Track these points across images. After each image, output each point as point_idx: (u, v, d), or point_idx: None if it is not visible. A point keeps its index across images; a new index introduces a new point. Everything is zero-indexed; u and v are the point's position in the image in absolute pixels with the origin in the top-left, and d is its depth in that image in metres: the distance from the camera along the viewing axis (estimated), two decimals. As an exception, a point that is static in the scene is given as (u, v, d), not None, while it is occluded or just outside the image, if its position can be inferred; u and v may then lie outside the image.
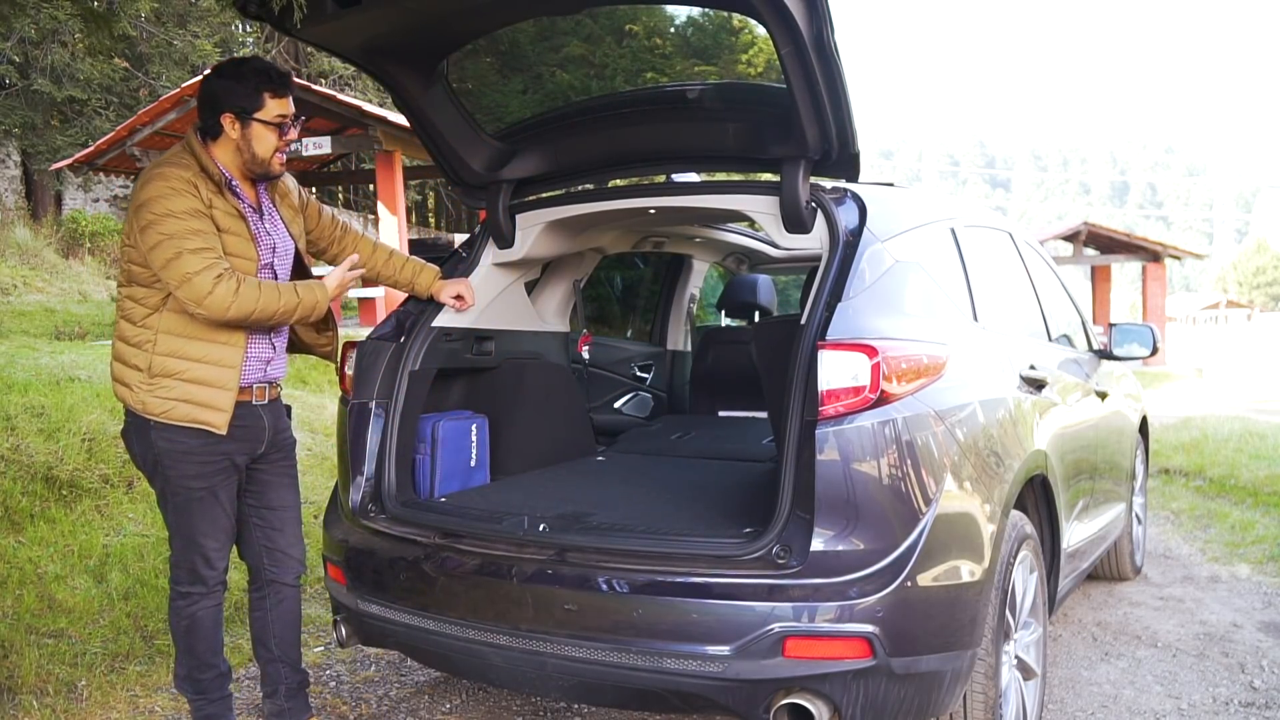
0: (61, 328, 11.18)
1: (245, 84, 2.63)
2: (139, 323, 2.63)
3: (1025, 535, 2.79)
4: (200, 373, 2.62)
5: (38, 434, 4.79)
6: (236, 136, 2.65)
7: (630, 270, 5.58)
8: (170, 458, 2.64)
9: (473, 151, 3.25)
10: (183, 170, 2.59)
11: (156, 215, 2.52)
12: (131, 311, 2.64)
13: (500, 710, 3.41)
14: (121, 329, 2.65)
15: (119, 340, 2.66)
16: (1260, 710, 3.40)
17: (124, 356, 2.65)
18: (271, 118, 2.66)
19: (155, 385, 2.60)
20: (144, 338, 2.62)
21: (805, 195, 2.75)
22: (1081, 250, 22.92)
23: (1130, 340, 4.33)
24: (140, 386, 2.61)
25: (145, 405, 2.61)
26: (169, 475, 2.67)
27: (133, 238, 2.59)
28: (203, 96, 2.68)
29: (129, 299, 2.64)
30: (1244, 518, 6.31)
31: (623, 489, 3.32)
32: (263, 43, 18.40)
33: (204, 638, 2.79)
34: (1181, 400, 14.23)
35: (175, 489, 2.68)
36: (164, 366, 2.61)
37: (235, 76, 2.65)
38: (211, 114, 2.65)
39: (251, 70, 2.66)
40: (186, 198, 2.56)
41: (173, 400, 2.60)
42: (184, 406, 2.61)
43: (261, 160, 2.69)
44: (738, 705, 2.31)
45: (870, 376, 2.32)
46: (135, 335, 2.63)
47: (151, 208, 2.53)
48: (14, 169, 18.21)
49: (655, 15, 3.06)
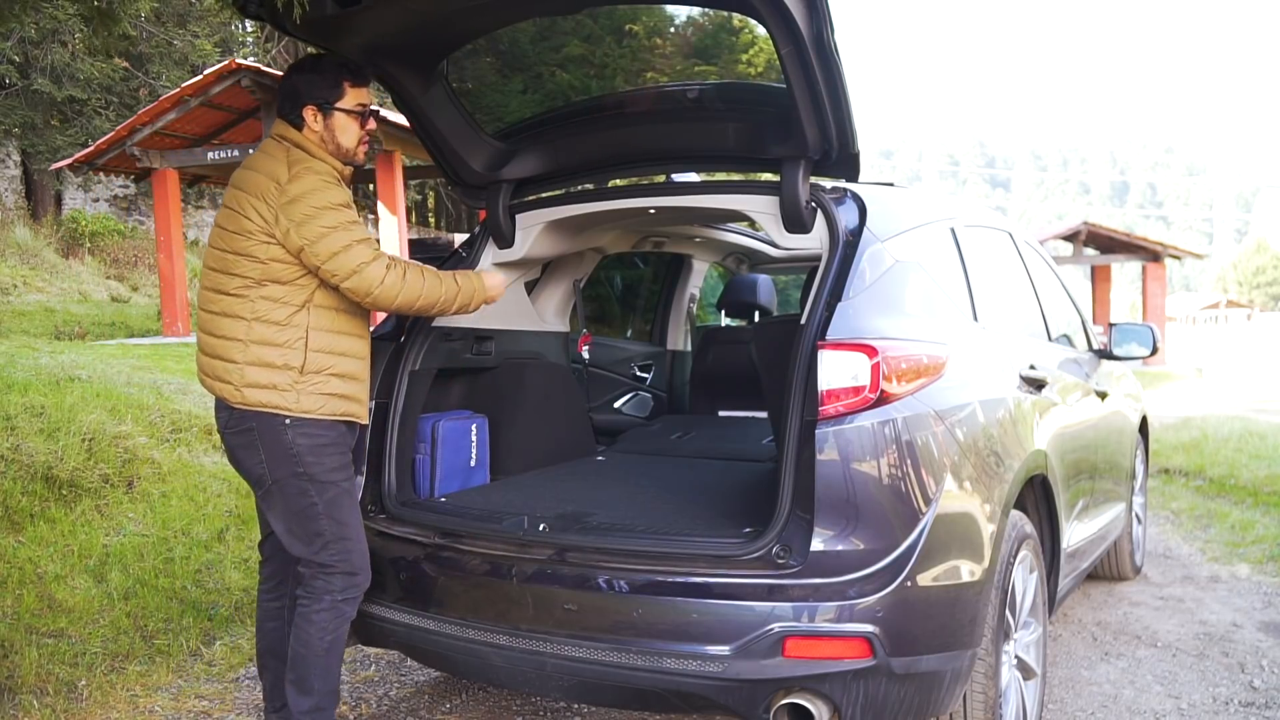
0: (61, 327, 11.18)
1: (325, 76, 2.67)
2: (284, 322, 2.56)
3: (1025, 535, 2.79)
4: (346, 366, 2.65)
5: (38, 434, 4.79)
6: (320, 129, 2.67)
7: (630, 270, 5.57)
8: (314, 454, 2.58)
9: (473, 151, 3.25)
10: (324, 163, 2.62)
11: (318, 208, 2.51)
12: (271, 312, 2.55)
13: (500, 710, 3.41)
14: (260, 332, 2.54)
15: (259, 344, 2.54)
16: (1260, 710, 3.40)
17: (267, 359, 2.54)
18: (353, 106, 2.70)
19: (308, 382, 2.56)
20: (292, 336, 2.56)
21: (805, 195, 2.75)
22: (1081, 250, 22.92)
23: (1130, 340, 4.33)
24: (292, 386, 2.55)
25: (299, 403, 2.55)
26: (314, 473, 2.58)
27: (282, 235, 2.52)
28: (284, 93, 2.69)
29: (266, 299, 2.55)
30: (1244, 518, 6.31)
31: (623, 489, 3.32)
32: (263, 43, 18.40)
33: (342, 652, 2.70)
34: (1181, 400, 14.23)
35: (323, 485, 2.60)
36: (317, 363, 2.58)
37: (315, 69, 2.68)
38: (294, 109, 2.66)
39: (329, 63, 2.71)
40: (340, 189, 2.60)
41: (326, 395, 2.59)
42: (335, 401, 2.61)
43: (347, 150, 2.72)
44: (738, 705, 2.31)
45: (870, 376, 2.32)
46: (280, 335, 2.55)
47: (311, 200, 2.52)
48: (14, 169, 18.21)
49: (655, 15, 3.06)
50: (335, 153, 2.70)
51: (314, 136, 2.67)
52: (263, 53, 18.33)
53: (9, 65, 15.90)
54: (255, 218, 2.53)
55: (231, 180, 2.68)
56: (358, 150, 2.75)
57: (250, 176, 2.60)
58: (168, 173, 12.57)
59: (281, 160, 2.59)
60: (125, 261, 16.51)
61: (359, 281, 2.54)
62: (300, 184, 2.54)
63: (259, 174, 2.59)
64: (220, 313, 2.58)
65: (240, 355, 2.55)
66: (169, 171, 12.57)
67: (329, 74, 2.68)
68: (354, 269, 2.53)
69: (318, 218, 2.51)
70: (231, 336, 2.56)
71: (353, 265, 2.53)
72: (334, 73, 2.68)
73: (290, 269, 2.55)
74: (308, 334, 2.58)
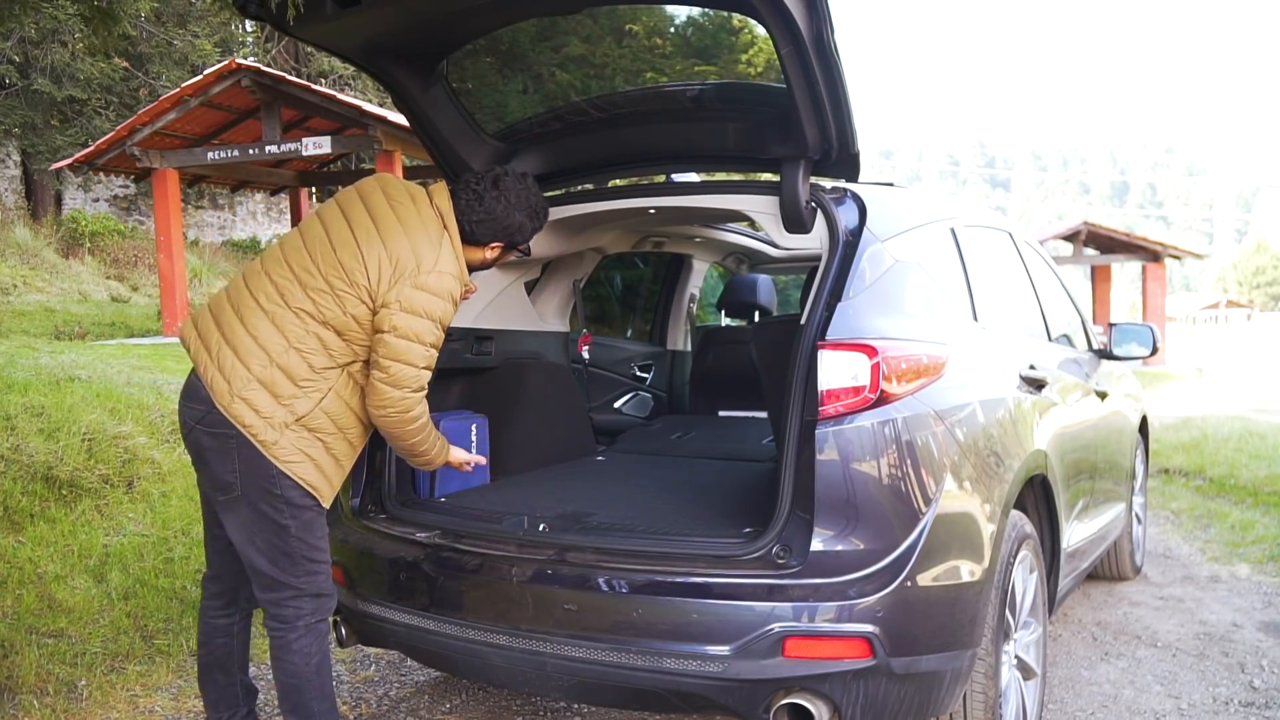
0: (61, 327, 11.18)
1: (531, 231, 2.74)
2: (317, 370, 2.45)
3: (1025, 535, 2.79)
4: (337, 445, 2.52)
5: (38, 434, 4.79)
6: (489, 258, 2.74)
7: (630, 270, 5.57)
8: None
9: (473, 151, 3.25)
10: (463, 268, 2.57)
11: (431, 316, 2.45)
12: (314, 356, 2.44)
13: (500, 710, 3.41)
14: (289, 363, 2.42)
15: (281, 370, 2.42)
16: (1260, 710, 3.40)
17: (278, 389, 2.42)
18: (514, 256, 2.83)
19: (297, 432, 2.44)
20: (314, 385, 2.45)
21: (805, 195, 2.75)
22: (1081, 250, 22.91)
23: (1130, 340, 4.33)
24: (281, 428, 2.42)
25: (276, 444, 2.42)
26: (290, 496, 2.45)
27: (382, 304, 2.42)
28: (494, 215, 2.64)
29: (318, 339, 2.44)
30: (1244, 517, 6.31)
31: (623, 489, 3.32)
32: (263, 43, 18.40)
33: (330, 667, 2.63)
34: (1181, 400, 14.23)
35: (298, 509, 2.48)
36: (317, 422, 2.46)
37: (533, 218, 2.73)
38: (489, 234, 2.67)
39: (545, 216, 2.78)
40: (452, 306, 2.52)
41: (305, 455, 2.46)
42: (308, 466, 2.47)
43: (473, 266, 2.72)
44: (738, 705, 2.31)
45: (870, 376, 2.32)
46: (305, 377, 2.43)
47: (430, 305, 2.45)
48: (14, 169, 18.20)
49: (655, 15, 3.06)
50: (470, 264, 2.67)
51: (477, 255, 2.69)
52: (263, 53, 18.32)
53: (9, 65, 15.89)
54: (371, 274, 2.43)
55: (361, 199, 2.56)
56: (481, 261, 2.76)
57: (395, 230, 2.48)
58: (168, 173, 12.57)
59: (435, 242, 2.49)
60: (125, 261, 16.50)
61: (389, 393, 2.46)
62: (436, 281, 2.45)
63: (406, 239, 2.47)
64: (268, 318, 2.45)
65: (258, 368, 2.42)
66: (169, 171, 12.57)
67: (536, 228, 2.75)
68: (398, 382, 2.45)
69: (422, 323, 2.44)
70: (262, 345, 2.43)
71: (404, 380, 2.46)
72: (535, 228, 2.74)
73: (358, 333, 2.46)
74: (327, 393, 2.47)
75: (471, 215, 2.61)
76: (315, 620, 2.54)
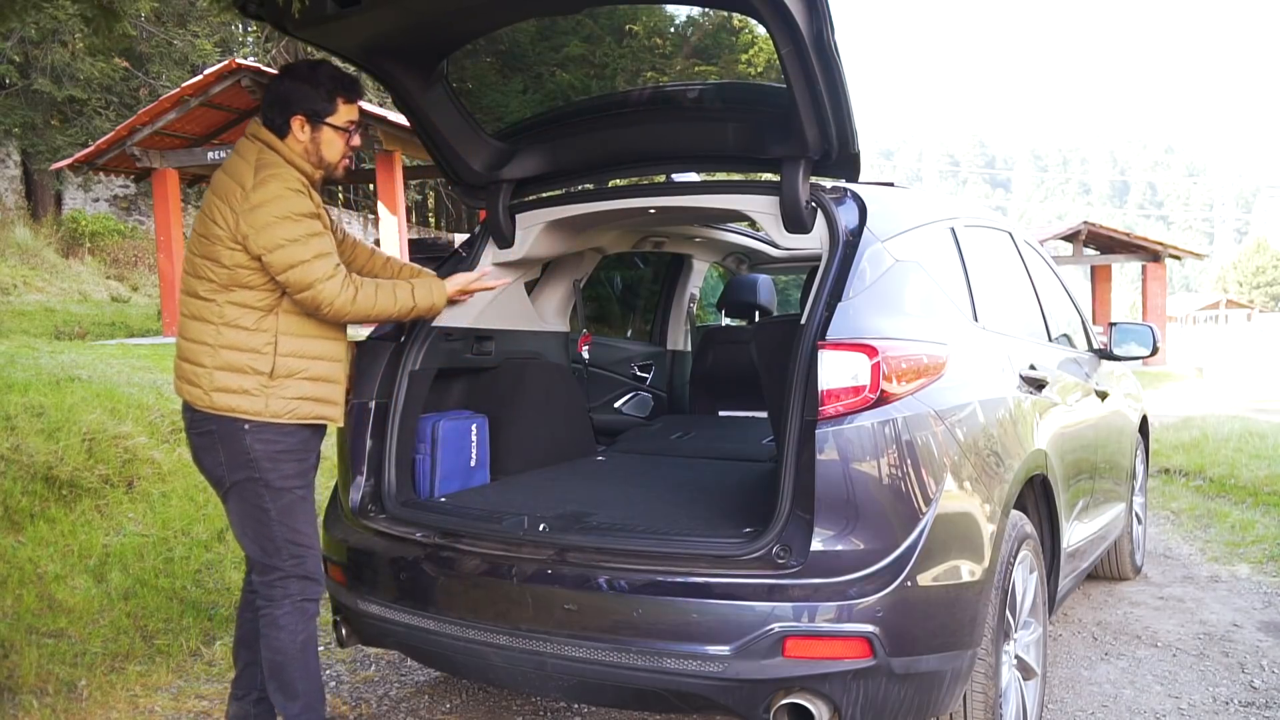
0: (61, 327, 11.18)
1: (320, 88, 2.63)
2: (252, 327, 2.55)
3: (1025, 535, 2.79)
4: (319, 369, 2.64)
5: (38, 434, 4.79)
6: (305, 140, 2.64)
7: (630, 270, 5.58)
8: (270, 460, 2.58)
9: (473, 151, 3.25)
10: (293, 170, 2.58)
11: (279, 216, 2.49)
12: (240, 317, 2.55)
13: (500, 710, 3.41)
14: (229, 337, 2.54)
15: (228, 349, 2.54)
16: (1260, 710, 3.40)
17: (236, 364, 2.54)
18: (342, 122, 2.68)
19: (278, 386, 2.56)
20: (261, 341, 2.56)
21: (805, 195, 2.75)
22: (1081, 250, 22.92)
23: (1130, 340, 4.33)
24: (261, 391, 2.55)
25: (268, 408, 2.55)
26: (269, 479, 2.59)
27: (243, 240, 2.50)
28: (273, 97, 2.64)
29: (234, 304, 2.55)
30: (1244, 517, 6.31)
31: (623, 489, 3.32)
32: (263, 43, 18.40)
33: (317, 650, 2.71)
34: (1181, 400, 14.23)
35: (278, 491, 2.60)
36: (287, 367, 2.58)
37: (309, 80, 2.64)
38: (280, 115, 2.62)
39: (325, 74, 2.66)
40: (305, 198, 2.56)
41: (297, 399, 2.59)
42: (307, 404, 2.61)
43: (329, 164, 2.70)
44: (738, 705, 2.31)
45: (870, 376, 2.32)
46: (249, 340, 2.55)
47: (272, 208, 2.49)
48: (14, 169, 18.21)
49: (655, 15, 3.07)
50: (317, 164, 2.67)
51: (298, 146, 2.63)
52: (263, 53, 18.32)
53: (9, 65, 15.90)
54: (222, 222, 2.52)
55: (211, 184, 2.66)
56: (339, 165, 2.72)
57: (221, 180, 2.58)
58: (168, 173, 12.58)
59: (250, 164, 2.56)
60: (125, 261, 16.51)
61: (311, 297, 2.54)
62: (264, 190, 2.51)
63: (229, 178, 2.57)
64: (191, 316, 2.58)
65: (209, 360, 2.55)
66: (169, 171, 12.58)
67: (323, 86, 2.64)
68: (308, 284, 2.52)
69: (278, 227, 2.49)
70: (200, 341, 2.56)
71: (307, 280, 2.52)
72: (328, 85, 2.64)
73: (256, 274, 2.54)
74: (277, 339, 2.57)
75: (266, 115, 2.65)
76: (302, 599, 2.66)
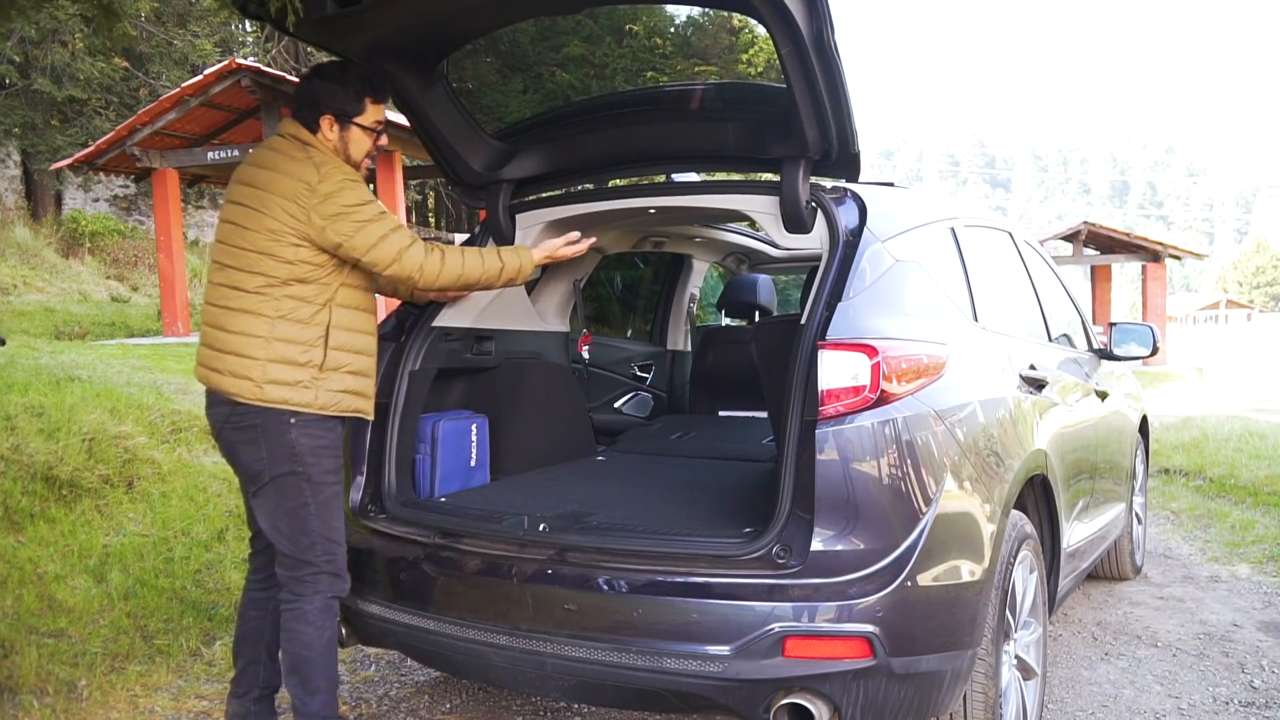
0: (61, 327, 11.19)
1: (349, 89, 2.72)
2: (308, 321, 2.63)
3: (1025, 535, 2.79)
4: (360, 364, 2.74)
5: (38, 434, 4.79)
6: (335, 138, 2.73)
7: (630, 270, 5.58)
8: (314, 454, 2.63)
9: (473, 151, 3.25)
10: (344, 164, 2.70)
11: (350, 205, 2.60)
12: (296, 311, 2.62)
13: (500, 710, 3.41)
14: (283, 330, 2.60)
15: (282, 341, 2.60)
16: (1260, 710, 3.40)
17: (290, 356, 2.60)
18: (370, 123, 2.77)
19: (326, 379, 2.64)
20: (314, 334, 2.63)
21: (805, 195, 2.75)
22: (1081, 250, 22.91)
23: (1130, 340, 4.33)
24: (312, 383, 2.62)
25: (317, 400, 2.62)
26: (312, 474, 2.63)
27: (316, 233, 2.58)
28: (303, 97, 2.73)
29: (291, 298, 2.61)
30: (1244, 517, 6.31)
31: (623, 489, 3.32)
32: (263, 43, 18.40)
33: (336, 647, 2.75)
34: (1181, 400, 14.23)
35: (318, 486, 2.64)
36: (336, 360, 2.66)
37: (339, 80, 2.73)
38: (311, 114, 2.71)
39: (354, 75, 2.75)
40: (364, 187, 2.68)
41: (341, 392, 2.67)
42: (348, 398, 2.70)
43: (355, 162, 2.79)
44: (738, 705, 2.31)
45: (870, 376, 2.32)
46: (305, 334, 2.62)
47: (342, 198, 2.60)
48: (14, 169, 18.22)
49: (655, 15, 3.07)
50: (345, 162, 2.74)
51: (327, 145, 2.71)
52: (263, 53, 18.32)
53: (9, 65, 15.90)
54: (286, 219, 2.58)
55: (243, 178, 2.69)
56: (363, 163, 2.83)
57: (274, 179, 2.62)
58: (168, 173, 12.57)
59: (306, 163, 2.63)
60: (125, 261, 16.52)
61: (400, 268, 2.66)
62: (331, 183, 2.60)
63: (285, 176, 2.61)
64: (240, 310, 2.61)
65: (263, 352, 2.59)
66: (169, 171, 12.57)
67: (352, 87, 2.73)
68: (395, 256, 2.64)
69: (352, 214, 2.60)
70: (253, 334, 2.59)
71: (393, 253, 2.64)
72: (357, 86, 2.73)
73: (316, 270, 2.63)
74: (328, 332, 2.65)
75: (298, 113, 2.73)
76: (330, 596, 2.69)
